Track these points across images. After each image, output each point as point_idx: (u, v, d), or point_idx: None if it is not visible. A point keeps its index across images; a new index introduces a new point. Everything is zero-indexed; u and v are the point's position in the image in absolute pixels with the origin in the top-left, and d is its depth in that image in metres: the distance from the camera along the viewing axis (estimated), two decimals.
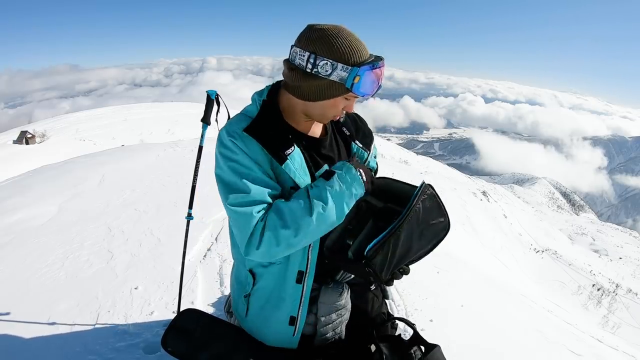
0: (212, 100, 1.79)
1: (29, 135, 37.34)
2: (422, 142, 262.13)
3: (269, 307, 1.10)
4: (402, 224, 0.92)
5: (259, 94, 1.08)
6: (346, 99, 1.00)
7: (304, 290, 1.06)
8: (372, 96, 0.98)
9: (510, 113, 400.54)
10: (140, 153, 7.02)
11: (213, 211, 3.89)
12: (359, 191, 0.97)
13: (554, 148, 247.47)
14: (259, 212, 0.94)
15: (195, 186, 1.97)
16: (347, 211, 0.95)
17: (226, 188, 0.98)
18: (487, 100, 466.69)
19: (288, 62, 0.99)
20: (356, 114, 1.24)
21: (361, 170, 0.99)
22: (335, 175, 0.95)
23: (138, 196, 4.32)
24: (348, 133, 1.18)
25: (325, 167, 1.09)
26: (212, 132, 1.95)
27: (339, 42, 0.92)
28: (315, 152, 1.08)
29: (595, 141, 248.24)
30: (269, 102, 1.05)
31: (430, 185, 1.01)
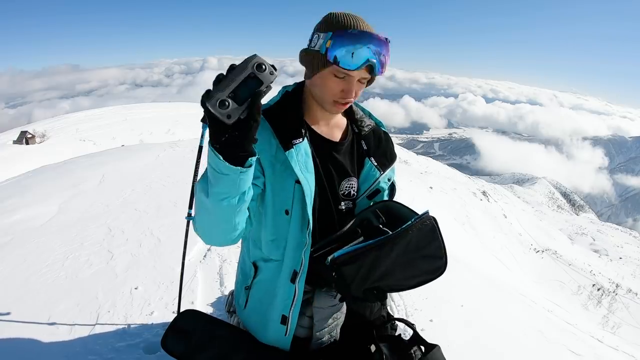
0: None
1: (29, 136, 37.34)
2: (422, 142, 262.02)
3: (265, 302, 1.10)
4: (386, 242, 0.91)
5: (285, 87, 1.07)
6: (336, 76, 0.92)
7: (297, 291, 1.03)
8: (356, 69, 0.88)
9: (511, 113, 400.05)
10: (140, 153, 7.02)
11: None
12: None
13: (554, 148, 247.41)
14: None
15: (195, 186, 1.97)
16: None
17: None
18: (488, 100, 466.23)
19: None
20: (385, 133, 1.19)
21: None
22: None
23: (138, 196, 4.32)
24: (365, 147, 1.12)
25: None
26: None
27: (335, 17, 0.91)
28: (327, 154, 1.05)
29: (596, 141, 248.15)
30: (291, 94, 1.04)
31: (433, 218, 0.98)
